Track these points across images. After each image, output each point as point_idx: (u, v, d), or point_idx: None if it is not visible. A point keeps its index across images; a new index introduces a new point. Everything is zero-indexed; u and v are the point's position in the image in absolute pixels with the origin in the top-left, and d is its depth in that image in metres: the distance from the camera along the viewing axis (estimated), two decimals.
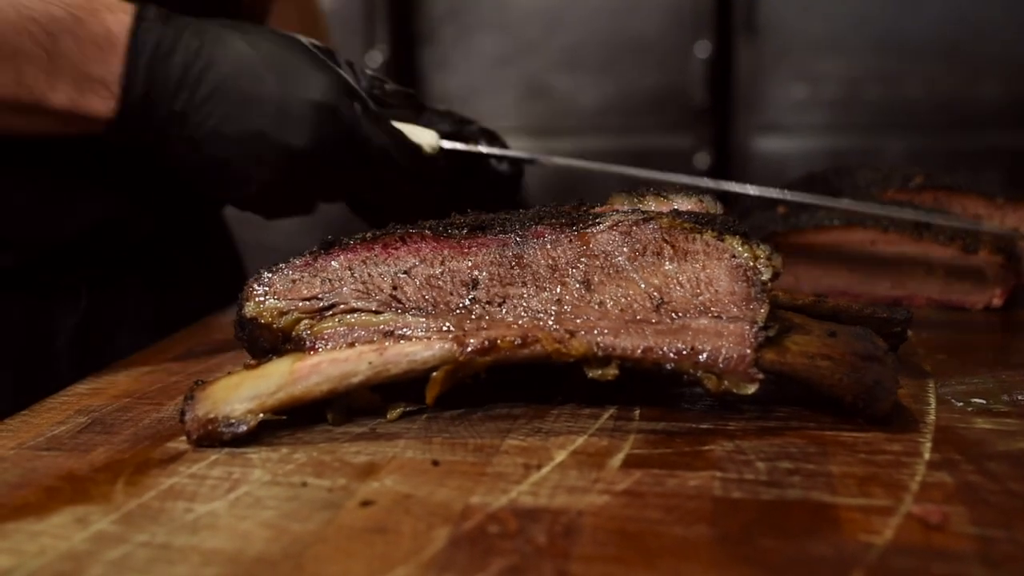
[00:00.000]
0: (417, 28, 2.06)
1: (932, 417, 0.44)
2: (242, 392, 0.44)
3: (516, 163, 0.64)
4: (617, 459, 0.40)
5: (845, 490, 0.36)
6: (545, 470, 0.39)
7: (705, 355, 0.43)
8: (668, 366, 0.43)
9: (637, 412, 0.45)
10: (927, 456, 0.40)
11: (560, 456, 0.40)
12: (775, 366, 0.43)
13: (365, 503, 0.36)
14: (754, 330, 0.43)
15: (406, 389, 0.46)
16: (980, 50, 1.90)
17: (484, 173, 0.65)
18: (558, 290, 0.45)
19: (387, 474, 0.39)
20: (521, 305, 0.45)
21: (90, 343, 0.64)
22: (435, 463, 0.40)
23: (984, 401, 0.46)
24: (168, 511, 0.36)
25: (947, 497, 0.36)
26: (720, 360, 0.43)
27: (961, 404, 0.46)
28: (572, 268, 0.45)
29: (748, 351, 0.43)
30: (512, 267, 0.46)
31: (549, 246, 0.46)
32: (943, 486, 0.37)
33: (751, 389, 0.43)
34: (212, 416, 0.43)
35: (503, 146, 0.64)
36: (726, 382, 0.43)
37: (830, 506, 0.35)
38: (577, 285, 0.45)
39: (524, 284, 0.45)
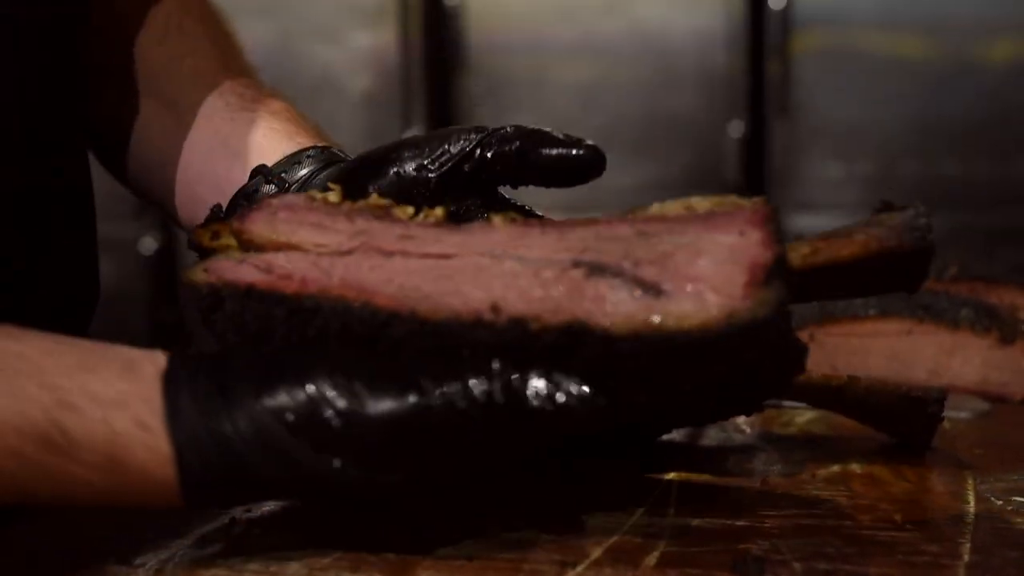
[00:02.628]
0: (454, 108, 2.11)
1: (971, 516, 0.44)
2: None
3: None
4: (652, 557, 0.40)
5: None
6: (580, 568, 0.39)
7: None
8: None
9: (672, 509, 0.45)
10: (967, 558, 0.39)
11: (595, 553, 0.40)
12: (808, 260, 0.40)
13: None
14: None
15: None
16: (1014, 127, 1.91)
17: None
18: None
19: (423, 570, 0.39)
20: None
21: None
22: (469, 559, 0.40)
23: None
24: None
25: None
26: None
27: (1001, 502, 0.45)
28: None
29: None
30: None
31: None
32: None
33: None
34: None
35: None
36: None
37: None
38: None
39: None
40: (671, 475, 0.50)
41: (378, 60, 2.08)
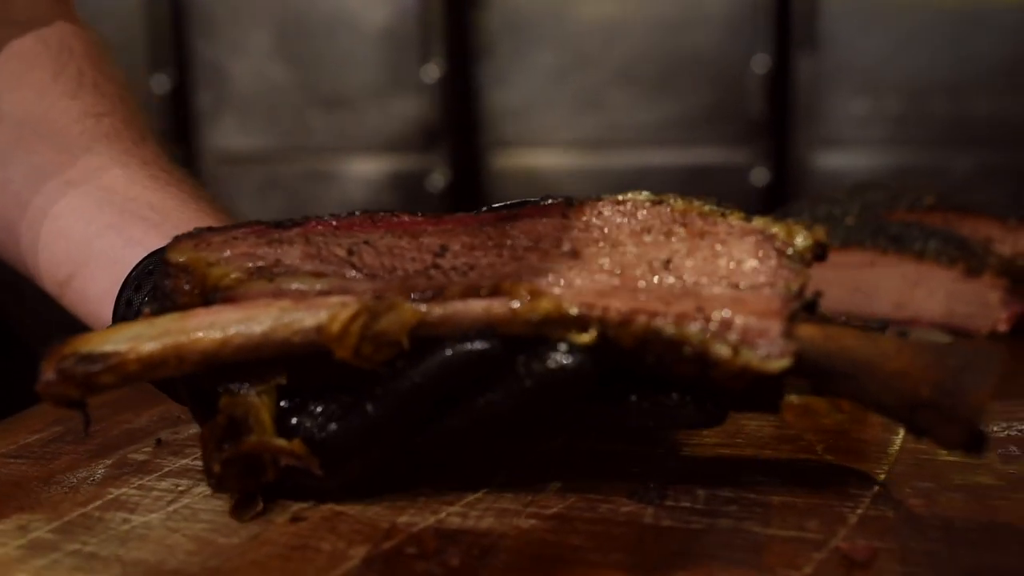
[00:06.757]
0: (474, 42, 2.08)
1: (896, 448, 0.43)
2: (120, 334, 0.36)
3: None
4: (556, 483, 0.39)
5: (780, 522, 0.35)
6: (482, 491, 0.39)
7: (717, 319, 0.35)
8: (665, 331, 0.35)
9: (588, 436, 0.45)
10: (876, 488, 0.38)
11: (500, 477, 0.40)
12: (816, 342, 0.35)
13: (295, 519, 0.37)
14: (785, 295, 0.35)
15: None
16: None
17: None
18: (537, 259, 0.38)
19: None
20: (490, 272, 0.38)
21: None
22: (374, 481, 0.40)
23: None
24: (106, 521, 0.37)
25: (882, 533, 0.34)
26: (737, 325, 0.35)
27: None
28: (559, 241, 0.39)
29: (776, 317, 0.35)
30: (489, 238, 0.40)
31: (536, 217, 0.40)
32: (882, 521, 0.35)
33: (779, 365, 0.34)
34: (71, 351, 0.35)
35: None
36: (745, 354, 0.34)
37: (759, 538, 0.34)
38: (561, 254, 0.39)
39: (500, 253, 0.39)
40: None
41: None
